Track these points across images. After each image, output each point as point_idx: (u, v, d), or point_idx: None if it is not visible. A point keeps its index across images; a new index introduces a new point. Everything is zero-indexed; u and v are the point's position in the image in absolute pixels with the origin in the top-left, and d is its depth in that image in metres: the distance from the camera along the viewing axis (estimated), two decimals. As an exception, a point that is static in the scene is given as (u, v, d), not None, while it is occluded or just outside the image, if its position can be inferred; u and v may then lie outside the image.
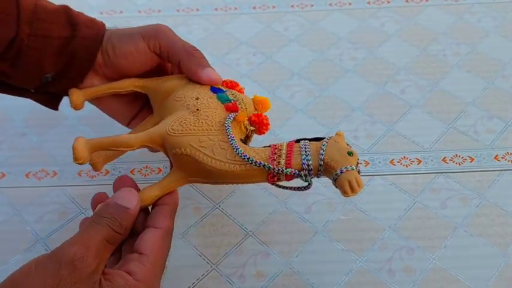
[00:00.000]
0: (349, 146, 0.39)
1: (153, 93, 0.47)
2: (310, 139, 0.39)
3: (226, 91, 0.45)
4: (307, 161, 0.38)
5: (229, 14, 0.72)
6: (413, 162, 0.54)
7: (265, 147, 0.40)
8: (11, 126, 0.59)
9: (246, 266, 0.46)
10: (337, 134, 0.39)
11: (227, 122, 0.41)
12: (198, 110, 0.42)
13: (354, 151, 0.38)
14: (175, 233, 0.39)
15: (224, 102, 0.43)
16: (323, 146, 0.38)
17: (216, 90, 0.44)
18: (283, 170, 0.38)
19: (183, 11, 0.73)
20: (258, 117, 0.43)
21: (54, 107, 0.51)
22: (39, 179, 0.54)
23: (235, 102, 0.43)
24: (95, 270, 0.33)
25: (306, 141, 0.39)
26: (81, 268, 0.32)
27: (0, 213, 0.51)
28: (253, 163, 0.38)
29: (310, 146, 0.38)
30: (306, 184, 0.40)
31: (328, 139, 0.39)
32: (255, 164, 0.38)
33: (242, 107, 0.43)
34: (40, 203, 0.51)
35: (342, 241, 0.48)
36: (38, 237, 0.49)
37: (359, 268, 0.46)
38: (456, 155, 0.54)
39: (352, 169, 0.36)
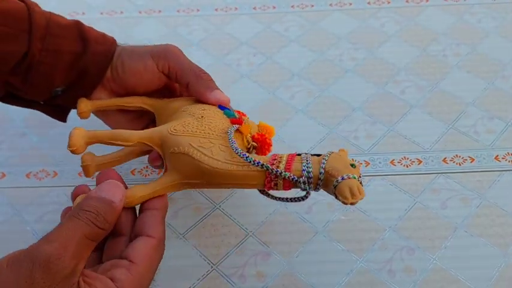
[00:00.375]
0: (353, 160, 0.38)
1: (160, 111, 0.47)
2: (312, 154, 0.39)
3: (234, 111, 0.45)
4: (308, 167, 0.37)
5: (229, 14, 0.72)
6: (414, 162, 0.54)
7: (265, 156, 0.40)
8: (11, 126, 0.59)
9: (246, 266, 0.46)
10: (341, 150, 0.39)
11: (230, 129, 0.41)
12: (202, 117, 0.42)
13: (356, 164, 0.37)
14: (175, 233, 0.39)
15: (230, 116, 0.44)
16: (325, 157, 0.38)
17: (223, 108, 0.45)
18: (282, 172, 0.37)
19: (183, 11, 0.73)
20: (262, 136, 0.43)
21: (62, 119, 0.51)
22: (40, 179, 0.54)
23: (240, 117, 0.43)
24: (72, 272, 0.31)
25: (308, 154, 0.39)
26: (57, 271, 0.30)
27: (0, 213, 0.51)
28: (251, 162, 0.37)
29: (312, 158, 0.38)
30: (303, 194, 0.39)
31: (330, 153, 0.38)
32: (254, 163, 0.37)
33: (246, 124, 0.43)
34: (40, 203, 0.52)
35: (342, 241, 0.48)
36: (38, 237, 0.48)
37: (359, 268, 0.46)
38: (456, 155, 0.54)
39: (353, 177, 0.36)
